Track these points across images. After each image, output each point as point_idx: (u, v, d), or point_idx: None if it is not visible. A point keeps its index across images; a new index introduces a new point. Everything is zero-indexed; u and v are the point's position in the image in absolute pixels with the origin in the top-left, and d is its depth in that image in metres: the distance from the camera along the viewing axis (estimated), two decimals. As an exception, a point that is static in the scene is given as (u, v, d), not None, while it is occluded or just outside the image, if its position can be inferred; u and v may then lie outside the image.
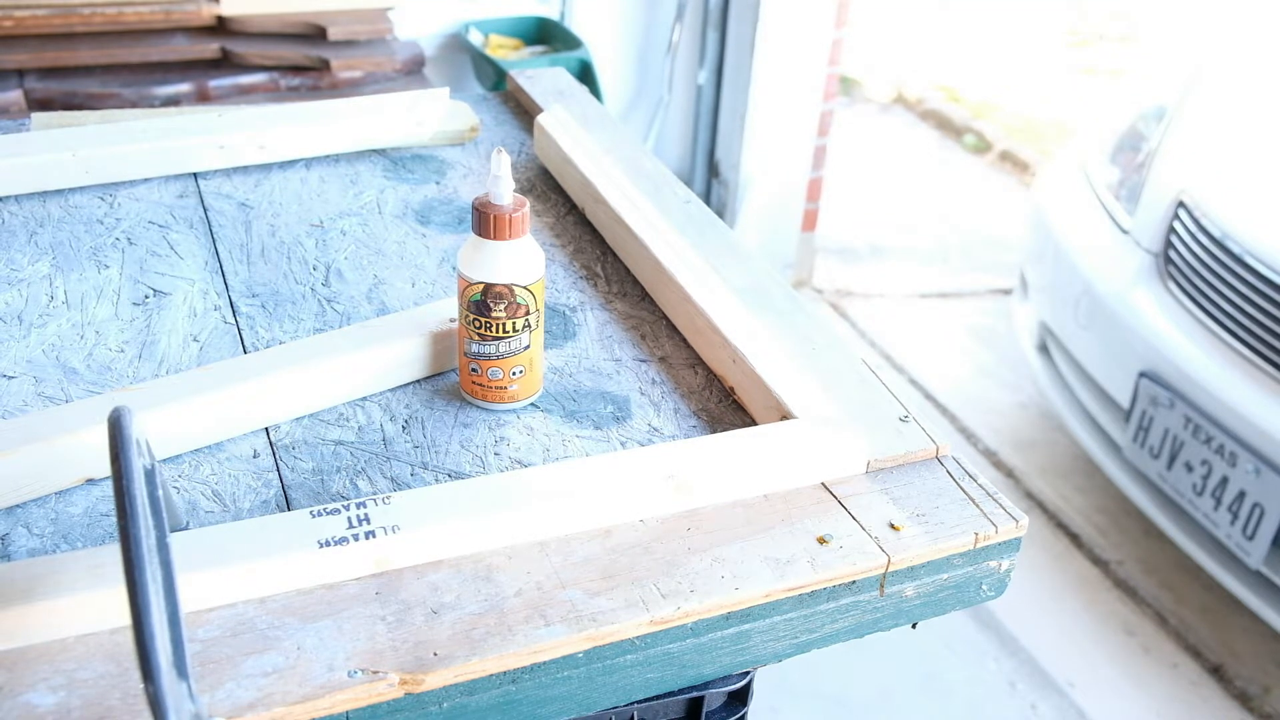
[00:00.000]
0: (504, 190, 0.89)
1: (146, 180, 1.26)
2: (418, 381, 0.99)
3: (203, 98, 2.40)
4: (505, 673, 0.71)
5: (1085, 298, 2.41)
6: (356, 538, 0.75)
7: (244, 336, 1.02)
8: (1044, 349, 2.69)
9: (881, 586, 0.82)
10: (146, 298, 1.06)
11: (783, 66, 3.17)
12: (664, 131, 3.39)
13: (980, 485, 0.88)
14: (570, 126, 1.34)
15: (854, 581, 0.80)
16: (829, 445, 0.87)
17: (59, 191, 1.23)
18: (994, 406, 3.00)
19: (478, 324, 0.91)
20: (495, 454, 0.90)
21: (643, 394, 0.98)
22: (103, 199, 1.22)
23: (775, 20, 3.09)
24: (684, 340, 1.06)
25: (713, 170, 3.42)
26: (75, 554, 0.72)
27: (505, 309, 0.90)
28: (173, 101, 2.37)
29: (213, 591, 0.72)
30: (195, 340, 1.01)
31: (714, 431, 0.94)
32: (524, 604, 0.74)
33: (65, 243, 1.14)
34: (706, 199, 3.44)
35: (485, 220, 0.89)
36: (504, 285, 0.90)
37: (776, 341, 1.01)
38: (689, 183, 3.46)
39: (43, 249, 1.12)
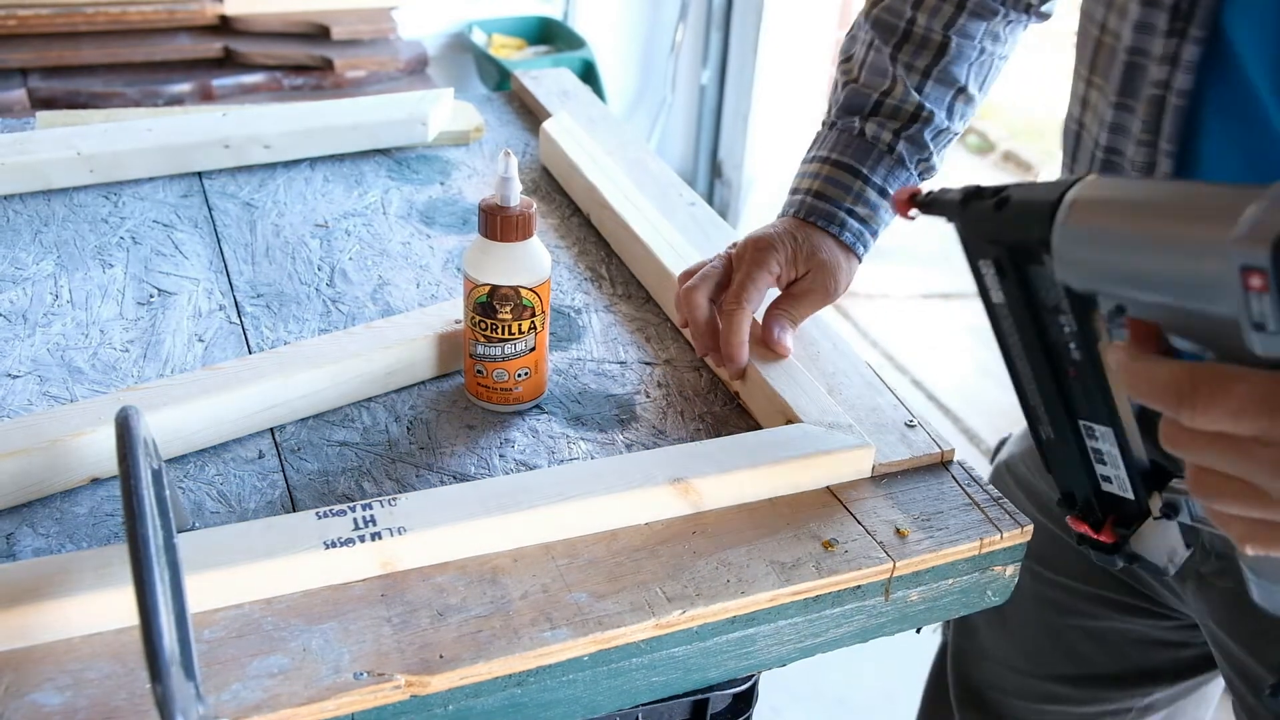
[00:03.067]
0: (511, 192, 0.89)
1: (151, 179, 1.26)
2: (423, 383, 0.99)
3: (206, 97, 2.40)
4: (511, 675, 0.71)
5: (1088, 300, 2.41)
6: (362, 539, 0.75)
7: (249, 337, 1.02)
8: (1046, 351, 2.69)
9: (887, 591, 0.82)
10: (151, 297, 1.06)
11: (786, 66, 3.18)
12: (667, 131, 3.39)
13: (986, 491, 0.88)
14: (576, 133, 1.34)
15: (859, 586, 0.80)
16: (835, 449, 0.87)
17: (63, 190, 1.23)
18: (996, 407, 3.00)
19: (483, 326, 0.91)
20: (500, 456, 0.90)
21: (648, 396, 0.98)
22: (107, 198, 1.22)
23: (779, 20, 3.09)
24: (688, 343, 1.06)
25: (716, 170, 3.42)
26: (82, 554, 0.72)
27: (511, 311, 0.90)
28: (176, 101, 2.38)
29: (219, 592, 0.72)
30: (200, 340, 1.01)
31: (719, 435, 0.94)
32: (530, 607, 0.74)
33: (70, 241, 1.14)
34: (709, 199, 3.44)
35: (492, 222, 0.89)
36: (510, 287, 0.90)
37: (782, 344, 1.01)
38: (692, 183, 3.46)
39: (47, 248, 1.12)
